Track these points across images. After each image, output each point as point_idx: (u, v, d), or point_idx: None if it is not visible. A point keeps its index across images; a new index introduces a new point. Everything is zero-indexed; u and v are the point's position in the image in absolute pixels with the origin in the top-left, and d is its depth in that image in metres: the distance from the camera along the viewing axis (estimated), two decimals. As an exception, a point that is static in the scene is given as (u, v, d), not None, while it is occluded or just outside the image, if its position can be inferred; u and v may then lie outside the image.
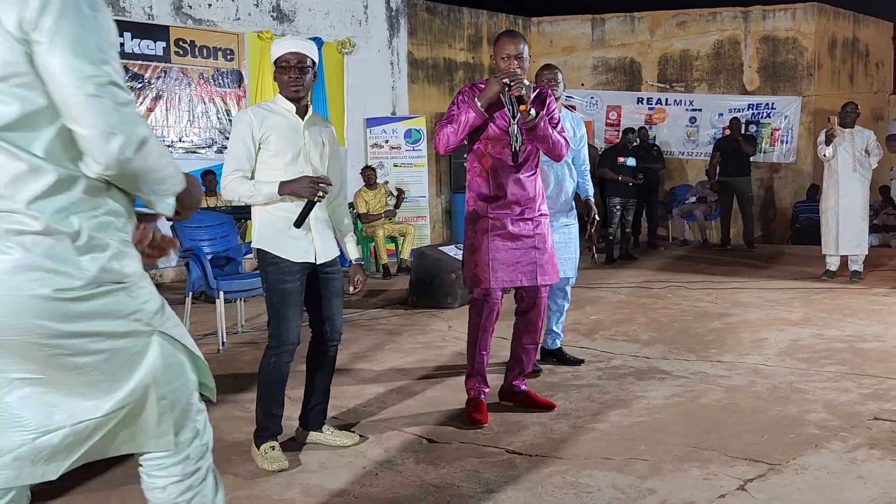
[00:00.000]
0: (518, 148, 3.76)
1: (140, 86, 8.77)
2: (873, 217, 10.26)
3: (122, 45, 8.32)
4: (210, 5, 9.29)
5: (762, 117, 11.91)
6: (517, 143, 3.75)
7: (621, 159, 9.81)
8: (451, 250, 7.17)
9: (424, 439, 3.62)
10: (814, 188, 11.12)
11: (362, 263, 3.60)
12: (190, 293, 5.87)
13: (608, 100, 12.67)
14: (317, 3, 10.27)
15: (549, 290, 4.18)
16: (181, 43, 9.11)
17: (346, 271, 3.60)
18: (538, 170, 3.93)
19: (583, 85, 12.72)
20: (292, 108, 3.33)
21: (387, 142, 10.93)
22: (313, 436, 3.56)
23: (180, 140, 9.20)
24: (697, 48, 12.25)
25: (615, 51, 12.68)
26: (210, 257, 5.90)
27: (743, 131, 11.09)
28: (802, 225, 11.34)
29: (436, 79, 11.74)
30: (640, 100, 12.57)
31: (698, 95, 12.28)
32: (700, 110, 12.26)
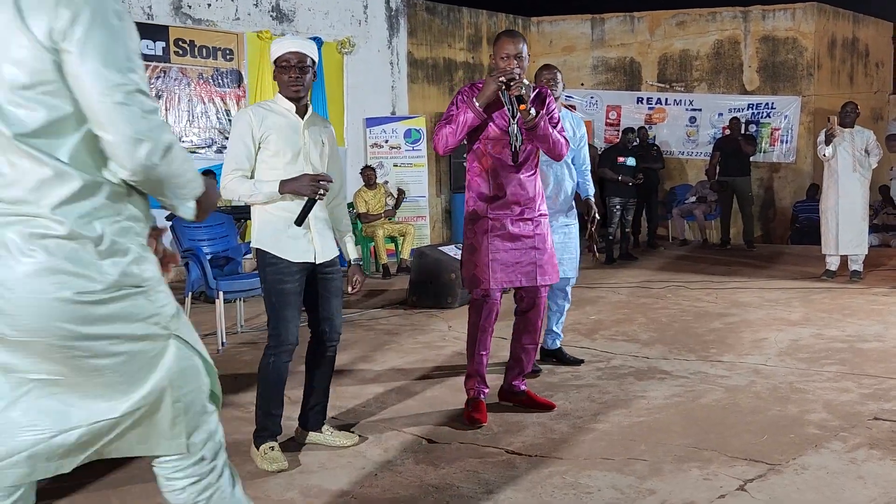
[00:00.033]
0: (518, 148, 3.75)
1: (140, 86, 8.77)
2: (873, 217, 10.26)
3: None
4: (209, 5, 9.28)
5: (762, 117, 11.90)
6: (517, 143, 3.74)
7: (621, 159, 9.80)
8: (450, 250, 7.16)
9: (424, 439, 3.61)
10: (814, 188, 11.12)
11: (361, 263, 3.60)
12: (189, 293, 5.87)
13: (608, 100, 12.66)
14: (316, 3, 10.27)
15: (549, 291, 4.18)
16: (181, 43, 9.10)
17: (345, 271, 3.59)
18: (538, 170, 3.92)
19: (582, 85, 12.71)
20: (292, 107, 3.33)
21: (386, 142, 10.92)
22: (313, 436, 3.56)
23: (180, 140, 9.16)
24: (697, 48, 12.24)
25: (615, 51, 12.68)
26: (209, 257, 5.90)
27: (743, 131, 11.09)
28: (802, 225, 11.34)
29: (435, 79, 11.73)
30: (639, 99, 12.56)
31: (698, 95, 12.28)
32: (700, 110, 12.26)
